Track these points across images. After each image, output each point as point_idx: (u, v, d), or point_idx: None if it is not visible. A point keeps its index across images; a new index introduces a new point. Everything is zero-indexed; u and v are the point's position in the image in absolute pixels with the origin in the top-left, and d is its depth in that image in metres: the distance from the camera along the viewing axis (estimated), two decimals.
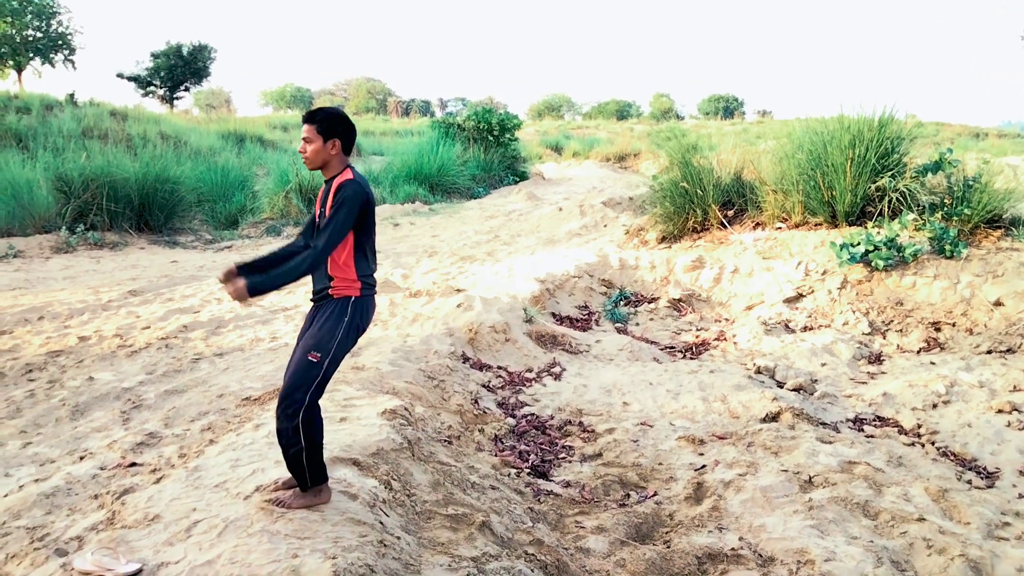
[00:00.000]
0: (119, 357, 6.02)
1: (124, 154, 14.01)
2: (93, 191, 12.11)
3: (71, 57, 34.38)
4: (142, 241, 12.33)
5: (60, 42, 33.71)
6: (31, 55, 32.57)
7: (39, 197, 11.92)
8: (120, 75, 38.81)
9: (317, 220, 3.11)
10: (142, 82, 38.64)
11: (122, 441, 4.29)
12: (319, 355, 2.98)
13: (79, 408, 4.95)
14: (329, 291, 3.07)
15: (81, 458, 4.12)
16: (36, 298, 7.88)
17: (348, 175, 3.06)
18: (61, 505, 3.52)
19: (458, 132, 21.19)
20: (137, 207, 12.63)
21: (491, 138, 21.54)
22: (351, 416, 4.40)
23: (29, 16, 31.94)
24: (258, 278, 2.92)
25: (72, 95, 23.01)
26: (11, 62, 31.52)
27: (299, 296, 8.34)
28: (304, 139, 3.06)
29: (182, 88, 39.79)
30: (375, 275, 3.25)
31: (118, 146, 15.72)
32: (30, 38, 32.23)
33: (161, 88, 38.93)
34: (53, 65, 34.20)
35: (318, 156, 3.06)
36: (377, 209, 15.89)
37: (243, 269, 3.01)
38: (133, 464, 3.98)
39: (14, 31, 30.77)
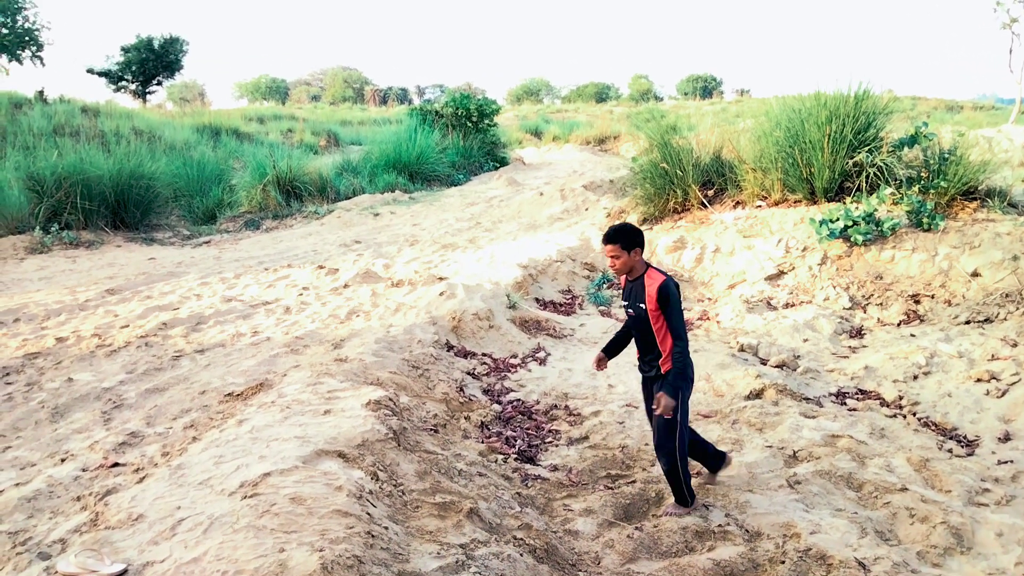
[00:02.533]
0: (98, 357, 5.94)
1: (97, 151, 13.76)
2: (66, 189, 11.89)
3: (39, 53, 33.67)
4: (118, 239, 12.16)
5: (27, 38, 33.00)
6: None
7: (11, 197, 11.70)
8: (90, 70, 38.06)
9: (630, 312, 3.82)
10: (113, 77, 37.94)
11: (104, 441, 4.25)
12: (673, 414, 3.63)
13: (59, 410, 4.88)
14: (661, 370, 3.74)
15: (62, 460, 4.07)
16: (11, 300, 7.75)
17: (659, 276, 3.70)
18: (43, 508, 3.48)
19: (436, 119, 21.03)
20: (112, 204, 12.43)
21: (470, 124, 21.41)
22: (335, 408, 4.38)
23: None
24: (671, 389, 3.60)
25: (41, 92, 22.58)
26: None
27: (279, 290, 8.27)
28: (612, 256, 3.74)
29: (154, 82, 39.11)
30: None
31: (91, 143, 15.45)
32: None
33: (133, 83, 38.25)
34: (21, 62, 33.50)
35: (626, 265, 3.74)
36: (356, 199, 15.78)
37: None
38: (116, 464, 3.93)
39: None
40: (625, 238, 3.71)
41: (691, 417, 5.06)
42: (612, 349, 4.11)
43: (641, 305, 3.72)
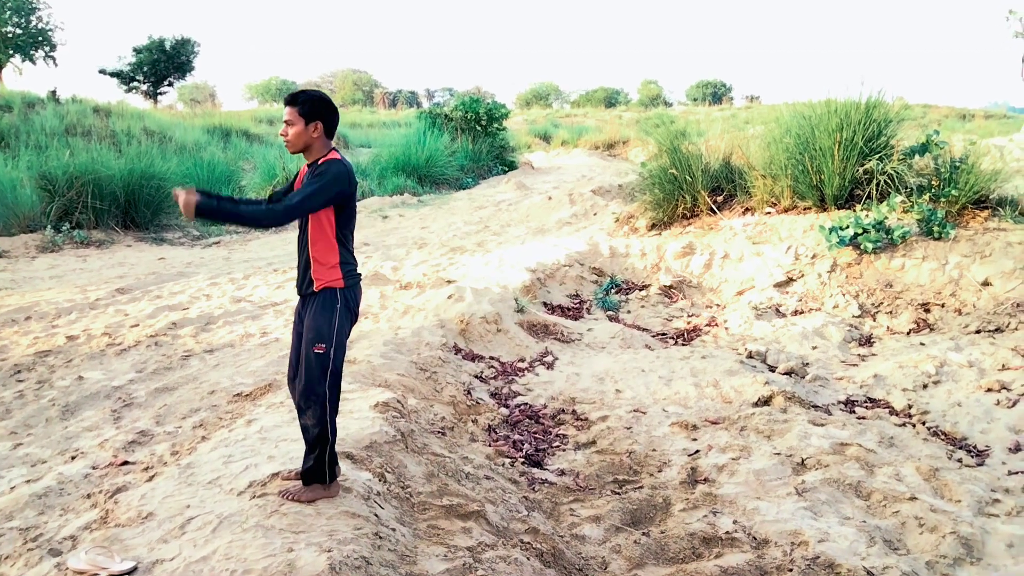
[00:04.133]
0: (108, 356, 5.98)
1: (108, 151, 13.85)
2: (78, 189, 11.98)
3: (52, 53, 33.98)
4: (129, 239, 12.23)
5: (40, 38, 33.30)
6: (11, 52, 32.17)
7: (23, 196, 11.79)
8: (102, 71, 38.36)
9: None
10: (125, 78, 38.23)
11: (113, 440, 4.27)
12: (324, 345, 2.98)
13: (69, 408, 4.91)
14: (314, 286, 3.04)
15: (73, 458, 4.09)
16: (23, 298, 7.81)
17: (334, 156, 3.01)
18: (54, 505, 3.50)
19: (446, 122, 21.09)
20: (123, 204, 12.51)
21: (479, 128, 21.46)
22: (343, 409, 4.39)
23: (8, 12, 31.53)
24: (212, 202, 2.77)
25: (54, 92, 22.75)
26: None
27: (288, 291, 8.30)
28: (286, 122, 2.99)
29: (165, 83, 39.39)
30: (358, 268, 3.23)
31: (102, 143, 15.56)
32: (9, 35, 31.83)
33: (144, 83, 38.53)
34: (34, 62, 33.80)
35: (299, 139, 2.97)
36: (366, 201, 15.85)
37: (204, 192, 2.80)
38: (125, 463, 3.95)
39: None
40: (308, 104, 2.95)
41: (699, 423, 5.05)
42: (229, 199, 2.90)
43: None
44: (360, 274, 3.22)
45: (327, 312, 3.01)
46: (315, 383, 2.99)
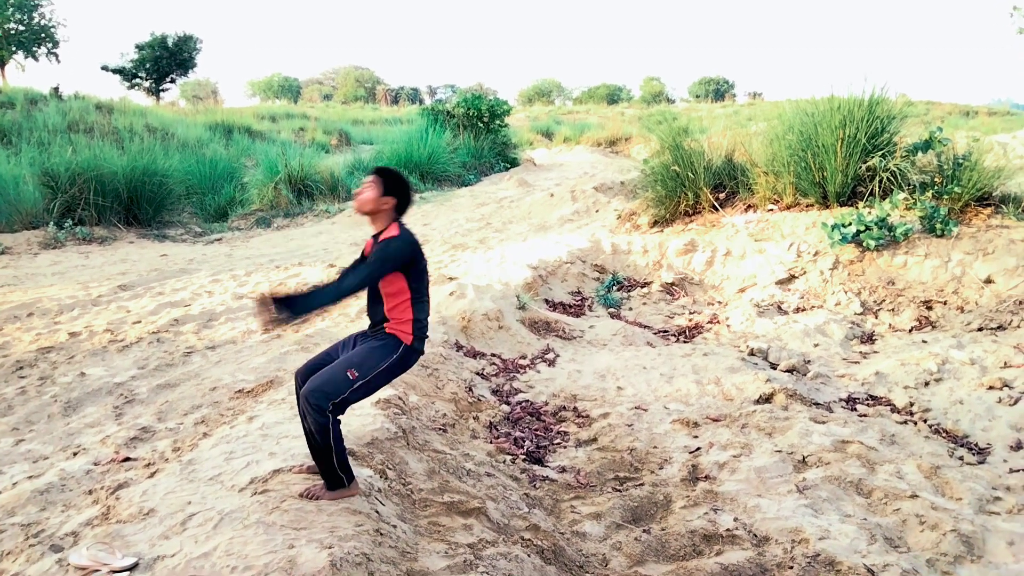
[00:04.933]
0: (110, 352, 5.99)
1: (111, 147, 13.87)
2: (80, 185, 12.00)
3: (54, 50, 34.00)
4: (131, 235, 12.25)
5: (43, 35, 33.33)
6: (14, 48, 32.20)
7: (25, 193, 11.82)
8: (105, 68, 38.38)
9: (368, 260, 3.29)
10: (127, 74, 38.24)
11: (115, 436, 4.28)
12: (356, 374, 3.13)
13: (71, 404, 4.92)
14: (385, 326, 3.28)
15: (74, 454, 4.10)
16: (25, 294, 7.83)
17: (395, 230, 3.26)
18: (55, 501, 3.51)
19: (447, 119, 21.07)
20: (125, 201, 12.53)
21: (481, 125, 21.44)
22: None
23: (11, 9, 31.54)
24: (289, 310, 3.02)
25: (56, 89, 22.78)
26: None
27: (290, 288, 8.31)
28: (366, 184, 3.29)
29: (168, 80, 39.40)
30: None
31: (104, 139, 15.58)
32: (12, 31, 31.85)
33: (147, 80, 38.54)
34: (36, 59, 33.82)
35: (372, 204, 3.26)
36: None
37: (279, 302, 3.04)
38: (127, 459, 3.96)
39: None
40: (391, 180, 3.29)
41: (700, 420, 5.05)
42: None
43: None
44: (426, 337, 3.41)
45: (382, 354, 3.22)
46: (322, 389, 3.06)
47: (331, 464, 3.13)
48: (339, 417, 3.11)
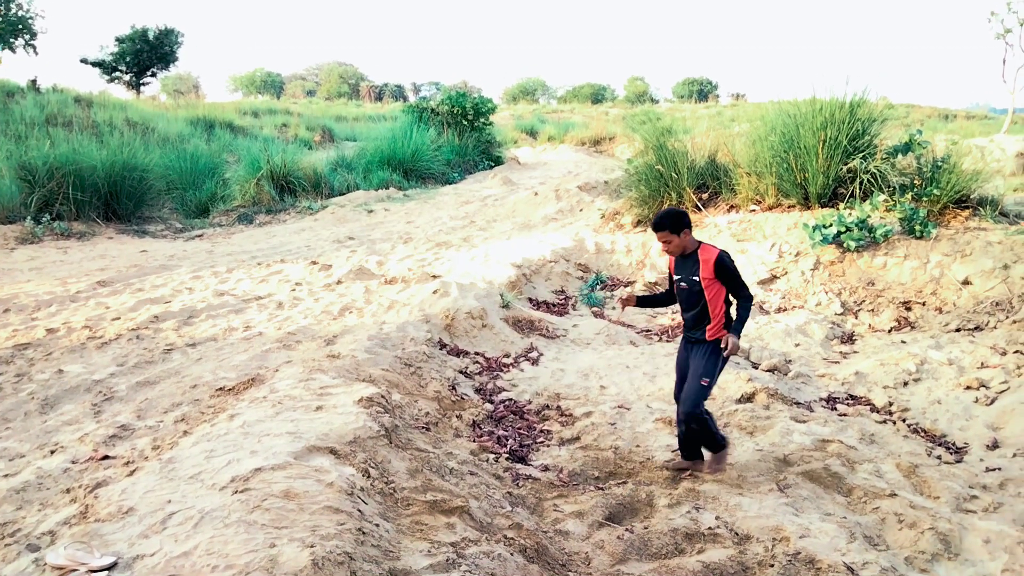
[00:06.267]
0: (89, 349, 5.91)
1: (90, 142, 13.67)
2: (59, 180, 11.82)
3: (32, 42, 33.40)
4: (110, 231, 12.09)
5: (20, 26, 32.74)
6: None
7: (2, 187, 11.63)
8: (84, 60, 37.76)
9: (675, 281, 4.15)
10: (107, 67, 37.66)
11: (94, 434, 4.22)
12: (708, 380, 4.01)
13: (48, 401, 4.85)
14: (706, 336, 4.05)
15: (52, 452, 4.04)
16: (1, 290, 7.70)
17: (713, 249, 4.00)
18: (32, 500, 3.46)
19: (432, 117, 21.02)
20: (105, 196, 12.36)
21: (465, 123, 21.40)
22: (327, 404, 4.37)
23: None
24: (738, 327, 3.96)
25: (34, 81, 22.42)
26: None
27: (272, 285, 8.25)
28: (664, 242, 4.02)
29: (149, 73, 38.85)
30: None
31: (84, 133, 15.36)
32: None
33: (127, 74, 38.00)
34: (14, 50, 33.23)
35: (680, 247, 4.02)
36: (351, 195, 15.77)
37: (642, 301, 4.42)
38: (105, 457, 3.91)
39: None
40: (672, 221, 3.96)
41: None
42: (646, 301, 4.45)
43: (695, 278, 4.00)
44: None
45: (716, 357, 4.04)
46: (696, 406, 3.99)
47: (711, 437, 4.14)
48: (710, 415, 4.13)
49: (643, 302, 4.43)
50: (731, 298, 4.06)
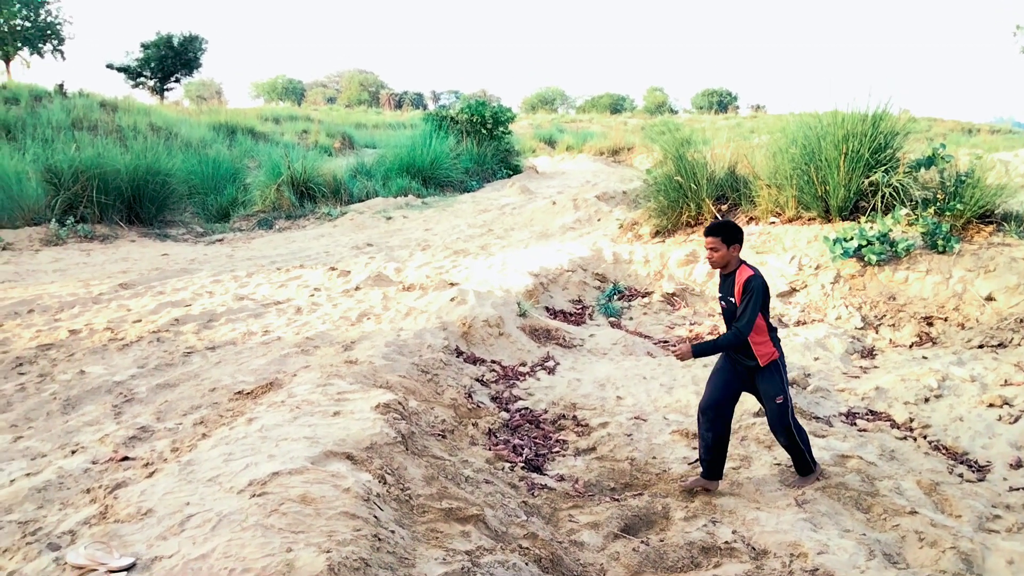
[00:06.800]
0: (110, 350, 5.98)
1: (114, 146, 13.89)
2: (83, 183, 12.00)
3: (60, 47, 34.06)
4: (133, 234, 12.25)
5: (49, 32, 33.39)
6: (19, 45, 32.25)
7: (28, 189, 11.82)
8: (110, 66, 38.39)
9: (723, 304, 4.10)
10: (132, 73, 38.26)
11: (114, 435, 4.27)
12: (782, 397, 4.03)
13: (70, 402, 4.91)
14: (760, 363, 4.03)
15: (73, 452, 4.09)
16: (26, 291, 7.82)
17: (748, 271, 3.95)
18: (53, 499, 3.50)
19: (451, 125, 21.11)
20: (128, 199, 12.53)
21: (484, 131, 21.48)
22: (344, 410, 4.39)
23: (17, 6, 31.62)
24: (699, 345, 3.99)
25: (61, 86, 22.82)
26: None
27: (291, 290, 8.31)
28: (711, 248, 3.94)
29: (172, 79, 39.41)
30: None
31: (108, 137, 15.60)
32: (18, 27, 31.91)
33: (151, 79, 38.56)
34: (42, 55, 33.87)
35: (723, 259, 3.96)
36: (370, 202, 15.87)
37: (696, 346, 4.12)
38: (125, 458, 3.95)
39: (2, 20, 30.46)
40: (727, 232, 3.91)
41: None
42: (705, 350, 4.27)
43: (731, 299, 3.98)
44: (781, 340, 4.27)
45: (779, 377, 4.05)
46: (783, 420, 4.02)
47: (803, 457, 4.14)
48: (802, 431, 4.12)
49: (701, 352, 4.06)
50: (768, 323, 4.03)
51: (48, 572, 2.77)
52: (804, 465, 4.18)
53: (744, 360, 4.08)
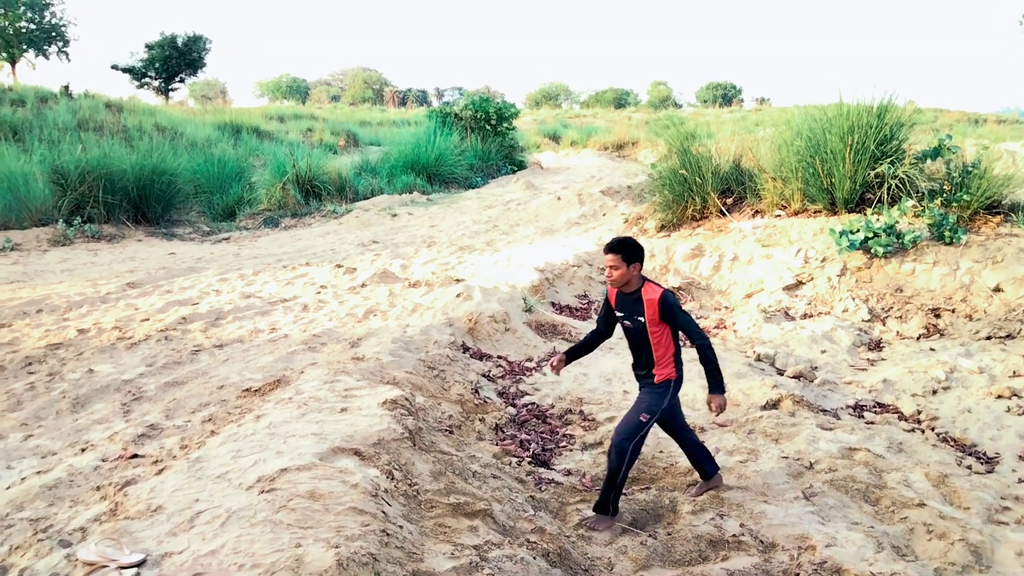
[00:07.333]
0: (118, 349, 6.01)
1: (120, 146, 13.93)
2: (90, 183, 12.06)
3: (65, 49, 34.20)
4: (139, 233, 12.30)
5: (54, 33, 33.52)
6: (25, 47, 32.38)
7: (35, 190, 11.88)
8: (115, 66, 38.52)
9: (627, 324, 3.85)
10: (137, 73, 38.38)
11: (123, 433, 4.29)
12: (648, 416, 3.76)
13: (79, 400, 4.94)
14: (655, 380, 3.83)
15: (83, 450, 4.12)
16: (34, 291, 7.86)
17: (658, 288, 3.77)
18: (64, 497, 3.52)
19: (455, 122, 21.10)
20: (134, 199, 12.58)
21: (488, 127, 21.47)
22: (352, 406, 4.40)
23: (22, 8, 31.73)
24: (719, 382, 3.80)
25: (67, 87, 22.89)
26: (4, 54, 31.35)
27: (298, 288, 8.33)
28: (611, 267, 3.74)
29: (177, 79, 39.52)
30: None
31: (114, 138, 15.65)
32: (23, 30, 32.03)
33: (156, 79, 38.67)
34: (47, 57, 34.01)
35: (624, 278, 3.75)
36: (375, 199, 15.87)
37: (571, 355, 4.09)
38: (135, 456, 3.98)
39: (7, 23, 30.58)
40: (627, 250, 3.75)
41: (707, 425, 5.04)
42: (576, 352, 4.16)
43: (639, 318, 3.78)
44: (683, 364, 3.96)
45: (659, 397, 3.81)
46: (629, 436, 3.72)
47: (609, 493, 3.75)
48: (633, 457, 3.76)
49: (573, 356, 4.12)
50: (677, 344, 3.86)
51: (59, 569, 2.80)
52: (604, 504, 3.78)
53: (640, 373, 3.91)
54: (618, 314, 3.92)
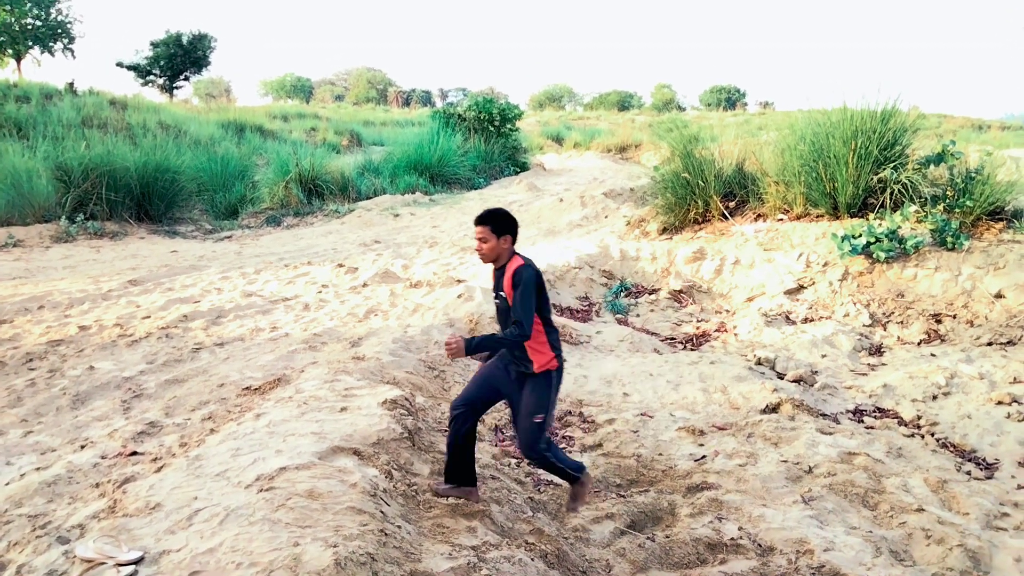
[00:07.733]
0: (119, 346, 6.02)
1: (124, 143, 13.97)
2: (93, 180, 12.08)
3: (70, 46, 34.24)
4: (142, 231, 12.32)
5: (59, 30, 33.57)
6: (30, 43, 32.43)
7: (39, 186, 11.90)
8: (120, 64, 38.59)
9: (496, 300, 3.58)
10: (142, 71, 38.43)
11: (123, 430, 4.30)
12: (542, 416, 3.51)
13: (80, 397, 4.95)
14: (534, 369, 3.50)
15: (82, 447, 4.12)
16: (36, 287, 7.88)
17: (519, 261, 3.49)
18: (62, 493, 3.53)
19: (459, 122, 21.12)
20: (137, 197, 12.61)
21: (492, 128, 21.48)
22: (352, 406, 4.41)
23: (28, 4, 31.79)
24: (474, 340, 3.41)
25: (71, 84, 22.93)
26: (10, 51, 31.40)
27: (299, 287, 8.34)
28: (480, 239, 3.48)
29: (182, 77, 39.57)
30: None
31: (118, 135, 15.69)
32: (29, 26, 32.09)
33: (160, 77, 38.73)
34: (52, 54, 34.07)
35: (493, 251, 3.49)
36: (377, 199, 15.88)
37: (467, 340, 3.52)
38: (134, 453, 3.98)
39: (13, 19, 30.63)
40: (496, 221, 3.48)
41: (706, 428, 5.05)
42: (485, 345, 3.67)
43: (502, 293, 3.48)
44: (562, 351, 3.65)
45: (544, 392, 3.51)
46: (535, 443, 3.50)
47: (561, 471, 3.62)
48: (551, 447, 3.60)
49: (478, 347, 3.46)
50: (550, 320, 3.54)
51: (57, 565, 2.80)
52: (569, 476, 3.65)
53: (517, 364, 3.54)
54: (494, 290, 3.59)
